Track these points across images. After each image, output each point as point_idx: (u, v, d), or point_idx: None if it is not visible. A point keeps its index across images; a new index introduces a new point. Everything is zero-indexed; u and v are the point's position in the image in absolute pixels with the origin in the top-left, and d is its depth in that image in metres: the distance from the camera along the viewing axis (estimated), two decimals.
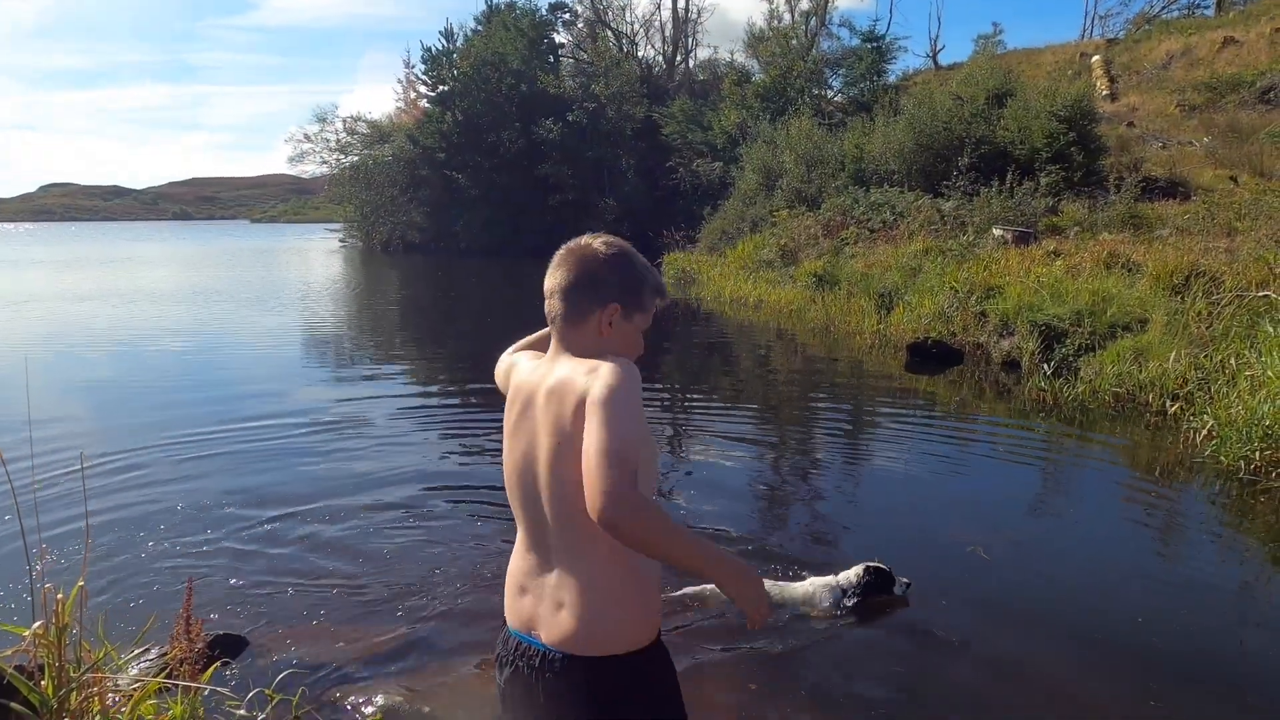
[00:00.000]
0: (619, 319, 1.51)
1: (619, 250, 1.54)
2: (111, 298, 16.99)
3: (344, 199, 39.56)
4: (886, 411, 7.53)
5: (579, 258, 1.52)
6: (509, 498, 1.58)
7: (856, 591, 3.45)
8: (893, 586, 3.52)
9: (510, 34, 33.69)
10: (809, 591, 3.49)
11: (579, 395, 1.38)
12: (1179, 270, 8.42)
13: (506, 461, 1.56)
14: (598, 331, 1.51)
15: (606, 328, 1.51)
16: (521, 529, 1.57)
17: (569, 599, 1.44)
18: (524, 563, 1.56)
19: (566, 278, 1.51)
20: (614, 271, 1.51)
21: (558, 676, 1.44)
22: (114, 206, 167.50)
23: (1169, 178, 14.68)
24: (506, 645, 1.57)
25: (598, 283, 1.50)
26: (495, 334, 12.84)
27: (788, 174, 20.01)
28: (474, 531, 4.47)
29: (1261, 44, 21.40)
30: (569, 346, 1.52)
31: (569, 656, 1.43)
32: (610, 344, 1.51)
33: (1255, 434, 5.22)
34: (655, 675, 1.48)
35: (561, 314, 1.52)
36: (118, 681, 2.35)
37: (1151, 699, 2.94)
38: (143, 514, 4.66)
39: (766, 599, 1.38)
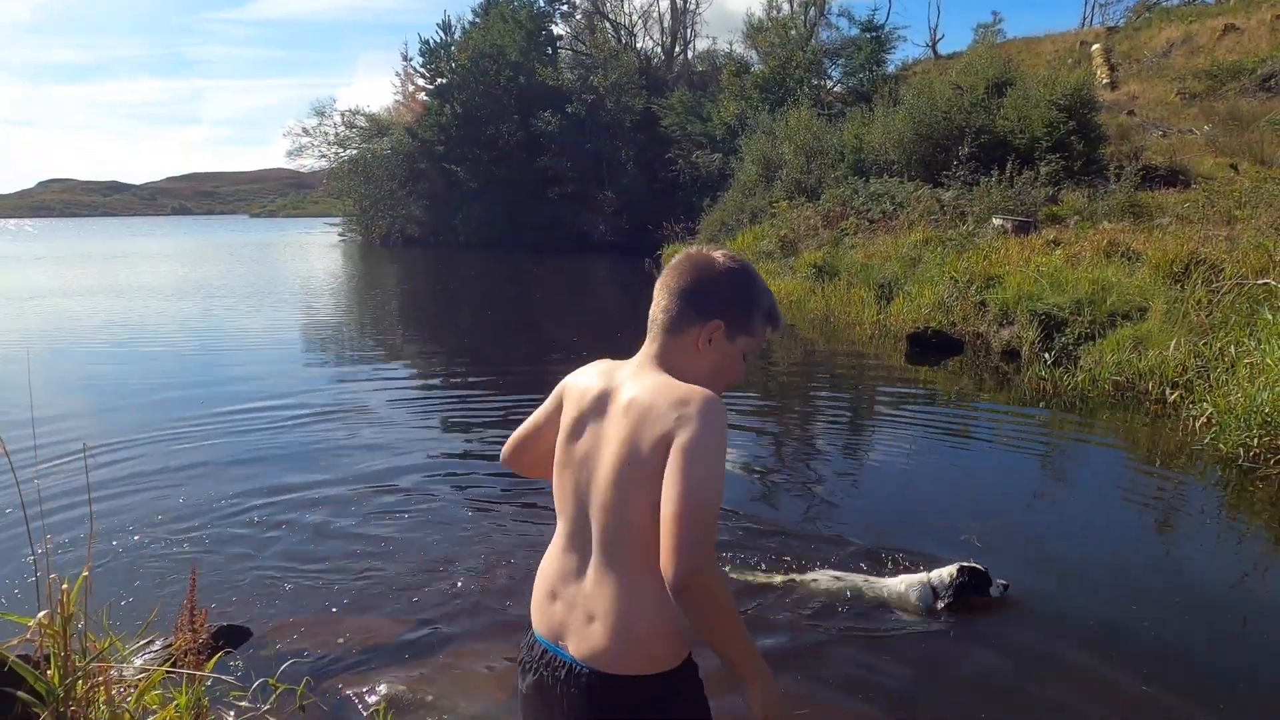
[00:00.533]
0: (720, 337, 1.44)
1: (738, 266, 1.47)
2: (113, 293, 17.00)
3: (343, 193, 39.52)
4: (886, 401, 7.55)
5: (695, 264, 1.46)
6: (555, 492, 1.52)
7: (949, 592, 3.36)
8: (989, 588, 3.40)
9: (508, 26, 33.59)
10: (899, 591, 3.44)
11: (664, 427, 1.30)
12: (1179, 259, 8.42)
13: (559, 457, 1.51)
14: (695, 345, 1.44)
15: (705, 344, 1.44)
16: (562, 529, 1.51)
17: (602, 612, 1.38)
18: (559, 565, 1.50)
19: (677, 283, 1.45)
20: (728, 287, 1.45)
21: (583, 692, 1.38)
22: (113, 202, 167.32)
23: (1169, 166, 14.64)
24: (532, 651, 1.52)
25: (707, 294, 1.44)
26: (495, 328, 12.87)
27: (787, 165, 19.97)
28: (477, 523, 4.49)
29: (1262, 31, 21.33)
30: (661, 355, 1.45)
31: (596, 673, 1.38)
32: (704, 362, 1.44)
33: (1254, 421, 5.23)
34: (685, 696, 1.43)
35: (664, 319, 1.45)
36: (123, 671, 2.36)
37: (1145, 684, 2.96)
38: (146, 504, 4.68)
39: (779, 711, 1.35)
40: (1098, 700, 2.89)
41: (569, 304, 16.47)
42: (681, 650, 1.43)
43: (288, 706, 2.78)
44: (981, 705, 2.87)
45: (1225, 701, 2.87)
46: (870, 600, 3.45)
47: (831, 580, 3.54)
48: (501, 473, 5.31)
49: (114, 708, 2.13)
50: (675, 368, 1.42)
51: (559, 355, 10.14)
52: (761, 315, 1.48)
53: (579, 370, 1.58)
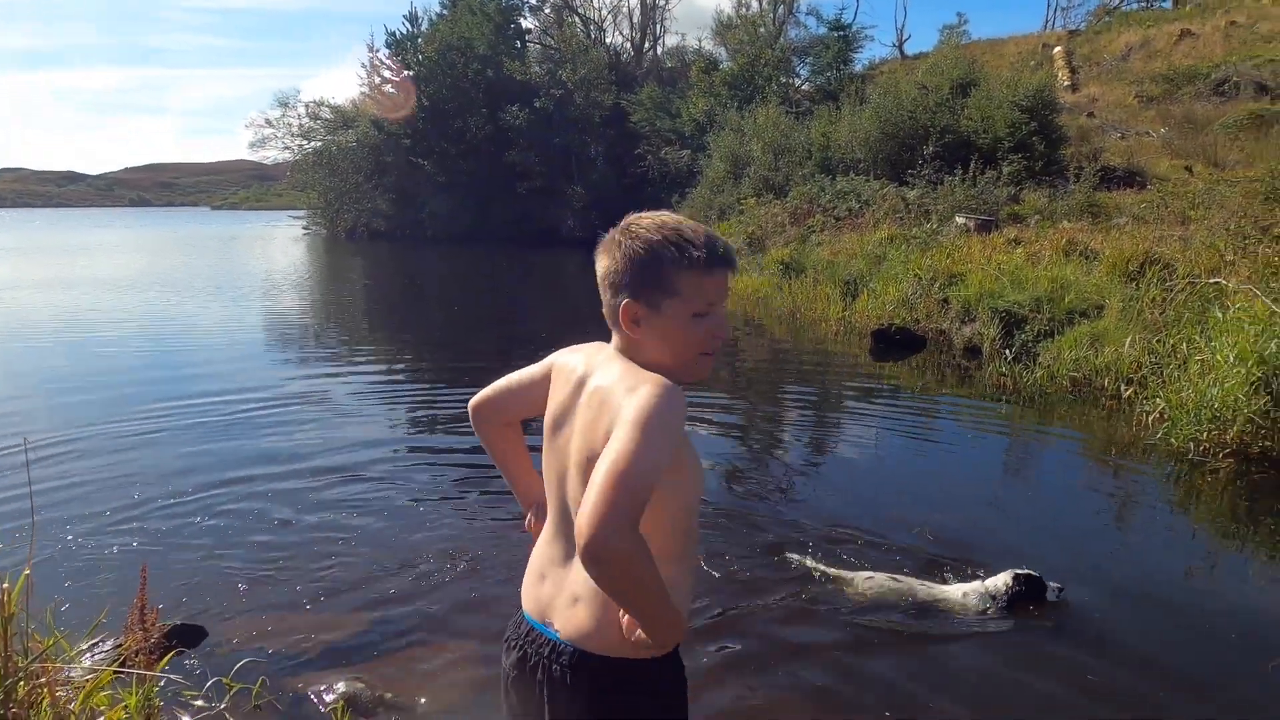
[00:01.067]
0: (642, 313, 1.36)
1: (637, 233, 1.37)
2: (66, 285, 16.55)
3: (307, 186, 38.91)
4: (850, 397, 7.62)
5: (603, 249, 1.40)
6: (544, 476, 1.52)
7: (1005, 599, 3.42)
8: (1045, 593, 3.46)
9: (476, 19, 33.31)
10: (959, 599, 3.48)
11: (613, 415, 1.28)
12: (1134, 258, 8.61)
13: (546, 441, 1.49)
14: (630, 328, 1.38)
15: (633, 326, 1.37)
16: (549, 513, 1.52)
17: (586, 594, 1.38)
18: (548, 549, 1.50)
19: (598, 272, 1.40)
20: (627, 262, 1.35)
21: (565, 669, 1.39)
22: (68, 193, 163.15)
23: (1127, 167, 14.99)
24: (519, 629, 1.51)
25: (616, 276, 1.37)
26: (462, 323, 12.77)
27: (755, 162, 20.09)
28: (439, 517, 4.45)
29: (1216, 37, 21.89)
30: (619, 345, 1.42)
31: (580, 651, 1.38)
32: (648, 345, 1.38)
33: (1204, 416, 5.37)
34: (664, 685, 1.43)
35: (607, 311, 1.41)
36: (69, 673, 2.30)
37: (1090, 673, 3.02)
38: (94, 499, 4.57)
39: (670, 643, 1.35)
40: (1030, 689, 2.95)
41: (538, 299, 16.40)
42: None
43: (243, 706, 2.74)
44: (948, 696, 2.92)
45: (1175, 686, 2.95)
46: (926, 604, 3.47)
47: (888, 581, 3.57)
48: (464, 469, 5.28)
49: (59, 710, 2.08)
50: (633, 356, 1.39)
51: (528, 350, 10.10)
52: (685, 267, 1.34)
53: (570, 349, 1.55)
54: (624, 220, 1.41)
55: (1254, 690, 2.96)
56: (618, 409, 1.28)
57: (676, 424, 1.27)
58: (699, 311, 1.36)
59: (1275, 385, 5.22)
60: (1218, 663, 3.13)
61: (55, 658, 2.18)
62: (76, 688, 2.29)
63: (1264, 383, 5.26)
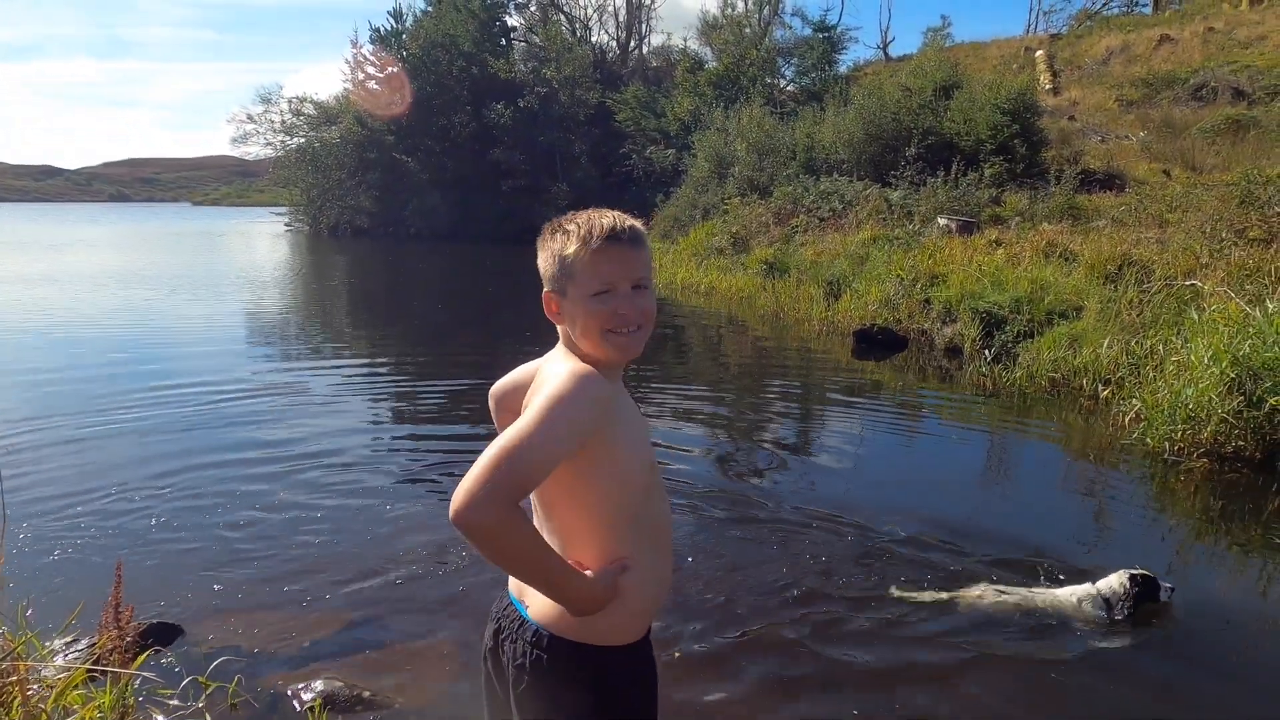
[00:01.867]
0: (559, 302, 1.43)
1: (547, 229, 1.47)
2: (43, 280, 16.33)
3: (289, 182, 38.57)
4: (832, 397, 7.65)
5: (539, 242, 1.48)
6: None
7: (1128, 603, 3.34)
8: (1158, 593, 3.40)
9: (461, 15, 33.18)
10: (1073, 603, 3.41)
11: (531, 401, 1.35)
12: (1113, 259, 8.72)
13: None
14: (555, 322, 1.47)
15: (556, 317, 1.46)
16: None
17: None
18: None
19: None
20: (541, 256, 1.46)
21: (528, 645, 1.44)
22: (45, 187, 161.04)
23: (1106, 170, 15.13)
24: (500, 604, 1.57)
25: (541, 270, 1.46)
26: (446, 320, 12.71)
27: (739, 162, 20.13)
28: (419, 513, 4.43)
29: (1195, 42, 22.16)
30: (561, 338, 1.50)
31: (541, 631, 1.44)
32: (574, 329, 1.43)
33: (1179, 416, 5.44)
34: (625, 675, 1.46)
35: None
36: (42, 671, 2.28)
37: (1053, 671, 3.06)
38: (68, 494, 4.51)
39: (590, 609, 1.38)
40: (1016, 677, 2.98)
41: (520, 297, 16.35)
42: (628, 631, 1.45)
43: (219, 705, 2.71)
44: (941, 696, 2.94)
45: (1144, 689, 2.98)
46: (1040, 614, 3.40)
47: (995, 595, 3.50)
48: (444, 462, 5.26)
49: (30, 709, 2.05)
50: (571, 347, 1.46)
51: (512, 347, 10.08)
52: (573, 251, 1.39)
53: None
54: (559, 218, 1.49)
55: (1220, 690, 3.01)
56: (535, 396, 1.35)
57: (584, 410, 1.29)
58: (596, 291, 1.38)
59: (1249, 386, 5.30)
60: (1182, 662, 3.18)
61: (27, 656, 2.15)
62: (49, 686, 2.27)
63: (1237, 383, 5.33)
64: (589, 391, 1.31)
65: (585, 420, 1.30)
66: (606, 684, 1.43)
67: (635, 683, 1.48)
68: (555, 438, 1.25)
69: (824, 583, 3.69)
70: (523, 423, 1.26)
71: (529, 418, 1.26)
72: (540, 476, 1.25)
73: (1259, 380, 5.29)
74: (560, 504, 1.42)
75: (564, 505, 1.42)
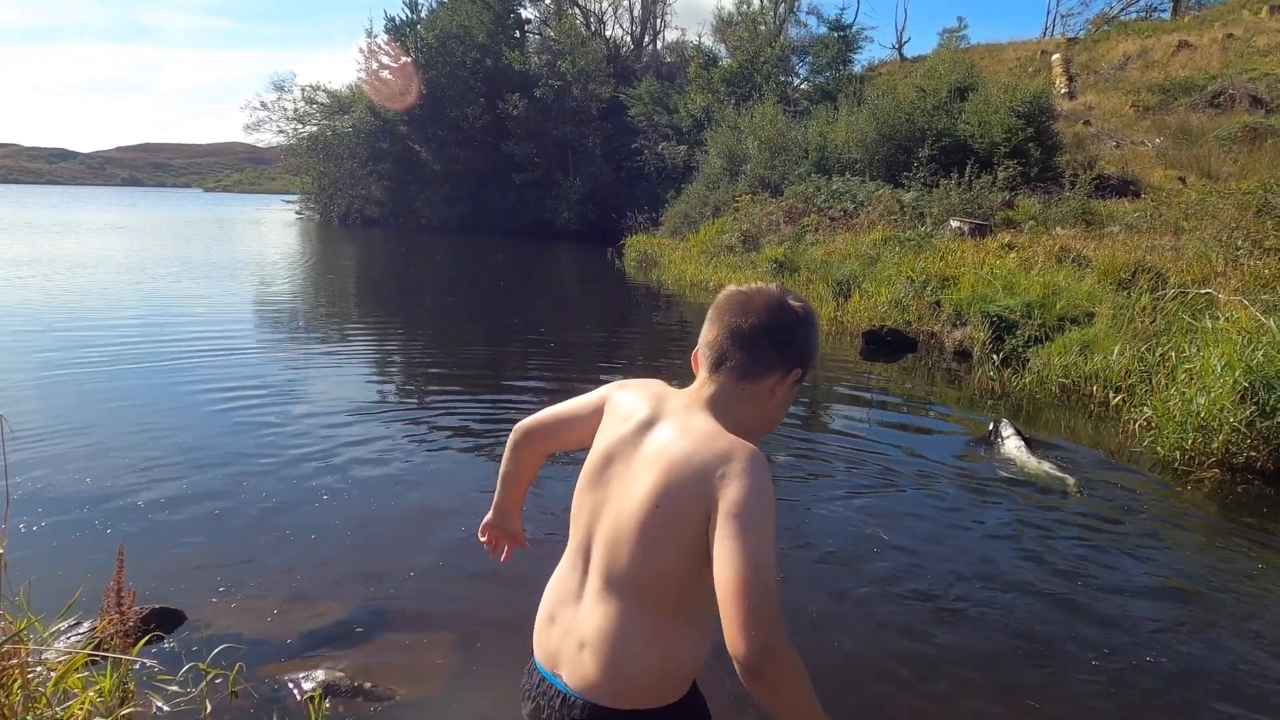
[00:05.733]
0: (794, 384, 1.41)
1: (810, 311, 1.43)
2: (53, 263, 16.39)
3: (301, 170, 38.66)
4: (838, 398, 7.61)
5: (776, 307, 1.39)
6: (573, 508, 1.46)
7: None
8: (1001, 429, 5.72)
9: (476, 7, 33.14)
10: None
11: (706, 484, 1.25)
12: (1126, 266, 8.64)
13: (587, 475, 1.44)
14: (769, 393, 1.39)
15: (781, 391, 1.40)
16: (570, 548, 1.46)
17: (593, 641, 1.34)
18: (561, 587, 1.46)
19: (757, 324, 1.37)
20: (806, 335, 1.41)
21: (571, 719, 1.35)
22: (59, 170, 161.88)
23: (1121, 176, 15.02)
24: (531, 678, 1.47)
25: (794, 342, 1.39)
26: (457, 314, 12.71)
27: (751, 160, 20.07)
28: (424, 504, 4.43)
29: (1214, 49, 21.97)
30: (718, 397, 1.38)
31: (589, 704, 1.34)
32: (770, 409, 1.40)
33: (1190, 425, 5.39)
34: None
35: (736, 362, 1.37)
36: (42, 654, 2.28)
37: (1059, 685, 3.03)
38: (73, 478, 4.52)
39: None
40: (1012, 700, 2.95)
41: (535, 292, 16.34)
42: (680, 686, 1.38)
43: (220, 692, 2.71)
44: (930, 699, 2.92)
45: (1145, 701, 2.95)
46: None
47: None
48: (449, 453, 5.25)
49: (30, 691, 2.05)
50: (731, 413, 1.37)
51: (521, 344, 10.08)
52: (816, 357, 1.46)
53: (630, 384, 1.53)
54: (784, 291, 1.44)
55: (1231, 692, 2.97)
56: (717, 481, 1.25)
57: (773, 495, 1.26)
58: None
59: (1261, 395, 5.25)
60: (1192, 672, 3.15)
61: (28, 639, 2.14)
62: (50, 669, 2.26)
63: (1250, 393, 5.28)
64: (769, 474, 1.28)
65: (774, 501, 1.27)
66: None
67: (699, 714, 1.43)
68: (772, 533, 1.22)
69: (811, 577, 3.67)
70: (745, 535, 1.19)
71: (748, 526, 1.20)
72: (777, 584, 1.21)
73: (1271, 390, 5.24)
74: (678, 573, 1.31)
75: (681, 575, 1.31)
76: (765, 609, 1.14)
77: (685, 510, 1.27)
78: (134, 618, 2.67)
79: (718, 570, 1.19)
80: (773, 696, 1.16)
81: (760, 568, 1.17)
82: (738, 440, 1.29)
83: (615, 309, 14.15)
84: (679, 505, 1.27)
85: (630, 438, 1.40)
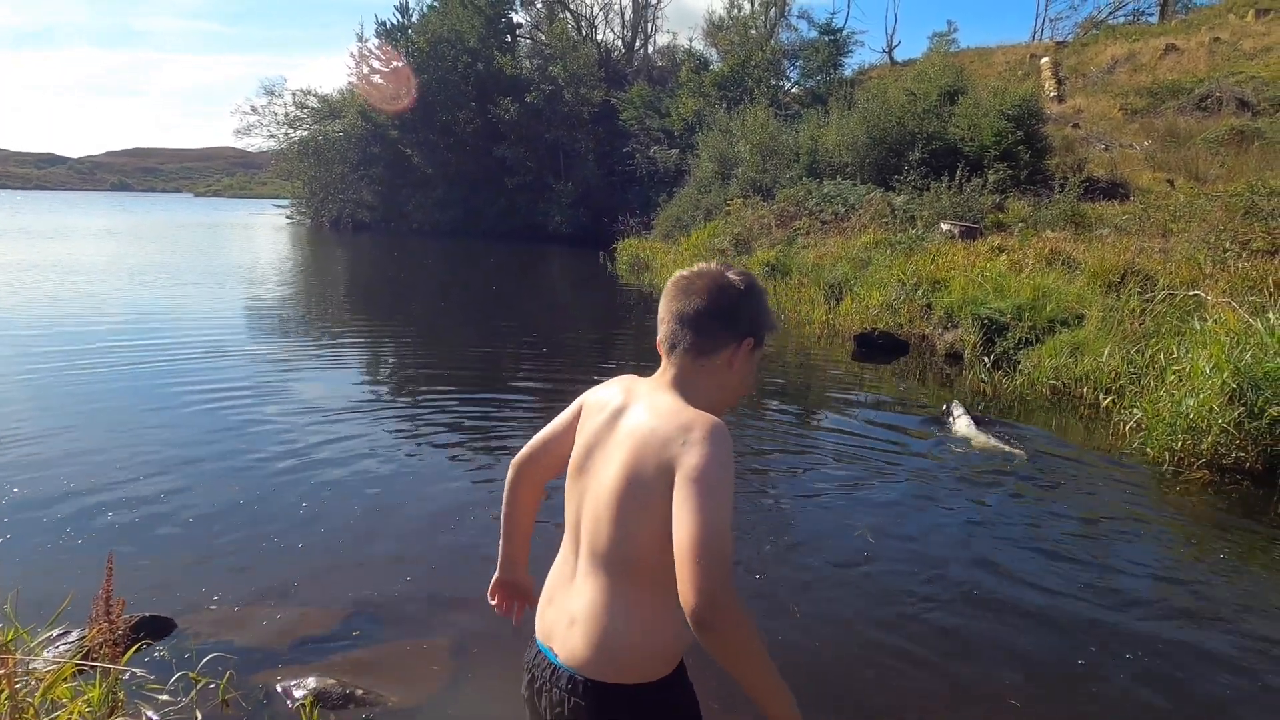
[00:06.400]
0: (749, 352, 1.48)
1: (753, 282, 1.50)
2: (45, 270, 16.28)
3: (292, 175, 38.55)
4: (831, 400, 7.63)
5: (716, 286, 1.45)
6: (565, 501, 1.54)
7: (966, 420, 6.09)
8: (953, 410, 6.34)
9: (467, 11, 33.13)
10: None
11: (668, 454, 1.32)
12: (1115, 268, 8.69)
13: (571, 467, 1.53)
14: (728, 364, 1.46)
15: (738, 361, 1.47)
16: (566, 537, 1.55)
17: (581, 617, 1.43)
18: (559, 570, 1.56)
19: (700, 305, 1.44)
20: (752, 303, 1.47)
21: (563, 693, 1.42)
22: (48, 175, 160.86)
23: (1110, 179, 15.11)
24: (530, 653, 1.55)
25: (738, 313, 1.46)
26: (449, 318, 12.68)
27: (743, 163, 20.10)
28: (414, 511, 4.41)
29: (1201, 52, 22.14)
30: (680, 377, 1.46)
31: (578, 676, 1.41)
32: (733, 380, 1.48)
33: (1180, 426, 5.42)
34: (669, 705, 1.44)
35: (689, 343, 1.45)
36: (30, 664, 2.26)
37: (1039, 682, 3.03)
38: (61, 486, 4.49)
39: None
40: (1019, 682, 2.96)
41: (527, 296, 16.32)
42: (666, 663, 1.44)
43: (210, 701, 2.69)
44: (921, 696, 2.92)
45: (1127, 700, 2.96)
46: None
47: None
48: (441, 460, 5.24)
49: (17, 702, 2.03)
50: (695, 389, 1.45)
51: (514, 348, 10.06)
52: (770, 325, 1.52)
53: (600, 386, 1.61)
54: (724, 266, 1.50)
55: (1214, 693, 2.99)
56: (677, 450, 1.32)
57: (731, 463, 1.32)
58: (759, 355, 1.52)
59: (1249, 397, 5.28)
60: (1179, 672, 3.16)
61: (15, 649, 2.13)
62: (38, 679, 2.24)
63: (1238, 394, 5.31)
64: (729, 441, 1.33)
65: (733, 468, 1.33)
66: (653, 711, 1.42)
67: (692, 703, 1.49)
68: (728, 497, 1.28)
69: (799, 558, 3.67)
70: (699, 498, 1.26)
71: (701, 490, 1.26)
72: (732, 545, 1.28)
73: (1260, 391, 5.27)
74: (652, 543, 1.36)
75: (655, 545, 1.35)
76: (716, 567, 1.21)
77: (651, 481, 1.34)
78: (123, 626, 2.64)
79: (675, 531, 1.26)
80: (723, 648, 1.23)
81: (714, 529, 1.24)
82: (699, 413, 1.37)
83: (608, 312, 14.14)
84: (646, 477, 1.35)
85: (606, 425, 1.49)
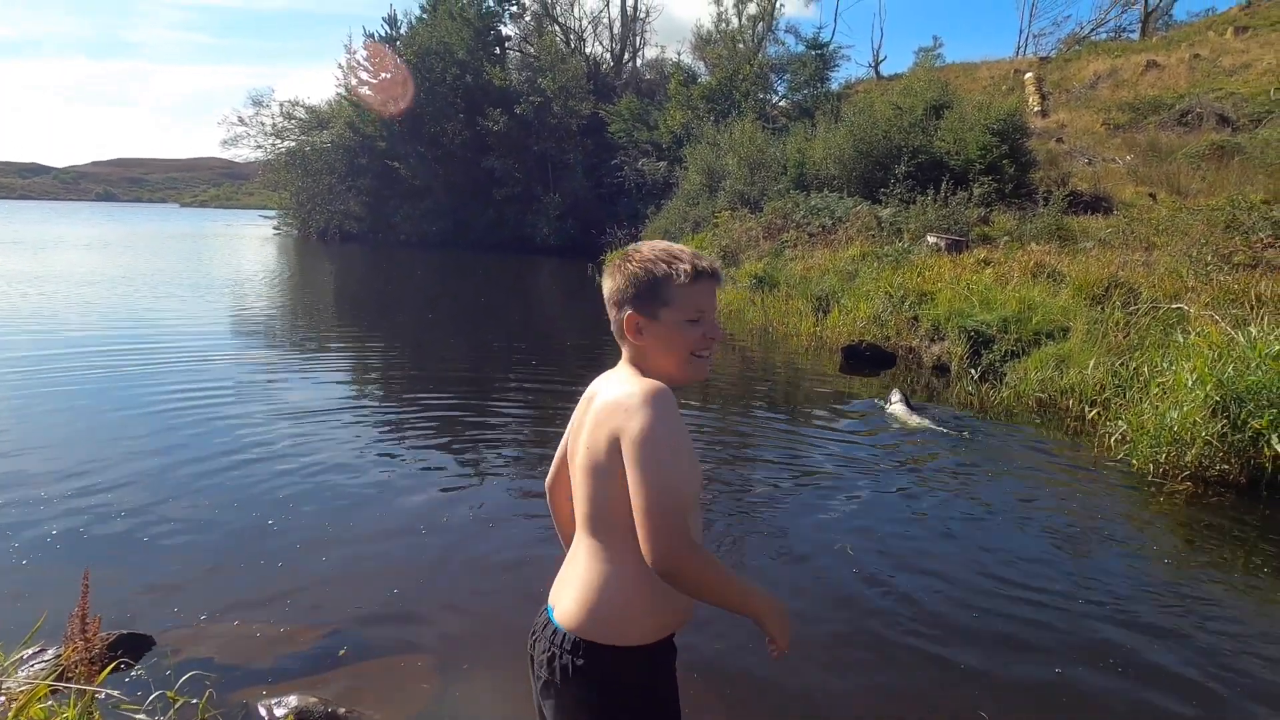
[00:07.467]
0: (642, 322, 1.54)
1: (635, 254, 1.57)
2: (22, 281, 16.13)
3: (279, 185, 38.40)
4: (818, 412, 7.63)
5: (607, 271, 1.60)
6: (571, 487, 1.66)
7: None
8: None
9: (456, 24, 33.21)
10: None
11: (614, 423, 1.44)
12: (1100, 281, 8.76)
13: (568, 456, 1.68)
14: (636, 335, 1.56)
15: (636, 334, 1.56)
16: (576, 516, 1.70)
17: (572, 580, 1.57)
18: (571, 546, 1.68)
19: (605, 292, 1.60)
20: (627, 278, 1.55)
21: (549, 644, 1.55)
22: (32, 185, 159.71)
23: (1093, 193, 15.27)
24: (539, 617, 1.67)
25: (618, 292, 1.56)
26: (441, 331, 12.62)
27: (730, 176, 20.20)
28: (395, 525, 4.36)
29: (1181, 69, 22.45)
30: (628, 357, 1.61)
31: (563, 631, 1.54)
32: (651, 350, 1.56)
33: (1164, 439, 5.45)
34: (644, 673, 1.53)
35: (614, 327, 1.60)
36: (3, 683, 2.21)
37: (1020, 684, 3.03)
38: (36, 500, 4.42)
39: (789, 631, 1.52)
40: (993, 691, 2.95)
41: (516, 308, 16.29)
42: (648, 631, 1.54)
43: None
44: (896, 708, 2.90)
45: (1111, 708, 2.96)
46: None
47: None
48: (428, 474, 5.19)
49: None
50: (643, 363, 1.57)
51: (505, 359, 10.03)
52: (676, 279, 1.53)
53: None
54: (639, 245, 1.61)
55: None
56: (620, 418, 1.43)
57: (674, 424, 1.42)
58: (690, 318, 1.54)
59: (1232, 409, 5.32)
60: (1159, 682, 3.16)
61: None
62: (11, 699, 2.20)
63: (1221, 406, 5.35)
64: (669, 405, 1.43)
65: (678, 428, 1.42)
66: (622, 681, 1.51)
67: (652, 683, 1.55)
68: (671, 457, 1.38)
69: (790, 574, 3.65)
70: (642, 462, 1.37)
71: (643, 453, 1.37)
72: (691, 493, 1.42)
73: (1242, 404, 5.31)
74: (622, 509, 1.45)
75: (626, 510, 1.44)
76: (667, 524, 1.33)
77: (607, 452, 1.46)
78: (100, 644, 2.60)
79: (631, 495, 1.38)
80: (695, 590, 1.39)
81: (660, 487, 1.35)
82: (641, 381, 1.48)
83: (596, 323, 14.11)
84: (602, 449, 1.47)
85: (583, 412, 1.63)
